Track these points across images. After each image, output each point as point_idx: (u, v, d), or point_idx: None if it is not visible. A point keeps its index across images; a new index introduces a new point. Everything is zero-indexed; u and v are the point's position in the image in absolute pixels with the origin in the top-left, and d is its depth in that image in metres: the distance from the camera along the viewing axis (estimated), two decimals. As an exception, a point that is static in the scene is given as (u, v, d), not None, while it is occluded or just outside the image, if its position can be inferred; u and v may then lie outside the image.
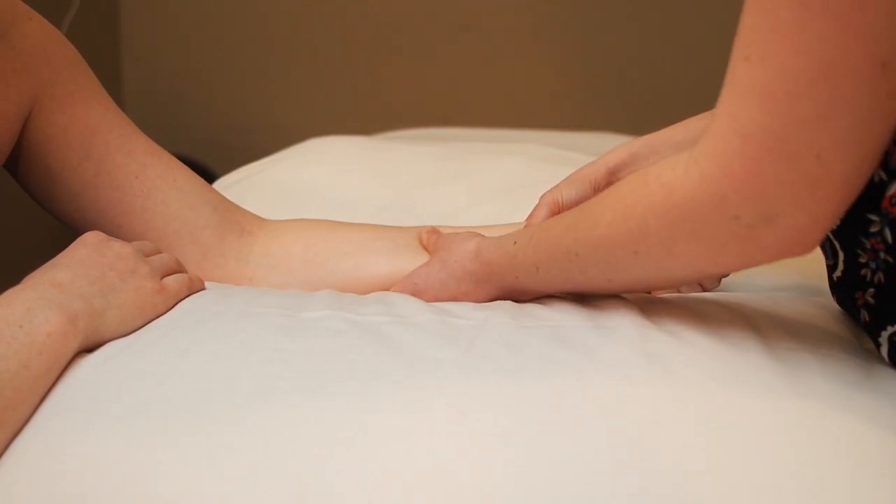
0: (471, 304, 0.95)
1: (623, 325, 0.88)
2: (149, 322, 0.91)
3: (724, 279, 1.09)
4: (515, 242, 0.96)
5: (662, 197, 0.78)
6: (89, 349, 0.87)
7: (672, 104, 2.61)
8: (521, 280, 0.96)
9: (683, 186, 0.76)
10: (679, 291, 1.07)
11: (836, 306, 0.95)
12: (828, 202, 0.72)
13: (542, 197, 1.07)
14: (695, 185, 0.75)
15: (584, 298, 0.96)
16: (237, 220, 1.12)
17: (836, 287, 0.90)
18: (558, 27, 2.73)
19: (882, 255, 0.81)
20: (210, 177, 1.43)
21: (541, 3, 2.72)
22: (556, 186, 1.07)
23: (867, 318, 0.85)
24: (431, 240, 1.10)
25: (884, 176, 0.78)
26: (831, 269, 0.89)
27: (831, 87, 0.68)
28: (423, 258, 1.08)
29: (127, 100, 2.87)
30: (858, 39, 0.67)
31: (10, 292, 0.85)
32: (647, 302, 0.94)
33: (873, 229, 0.80)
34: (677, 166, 0.77)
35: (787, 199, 0.72)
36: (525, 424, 0.75)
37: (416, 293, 1.03)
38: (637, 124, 2.17)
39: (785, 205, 0.72)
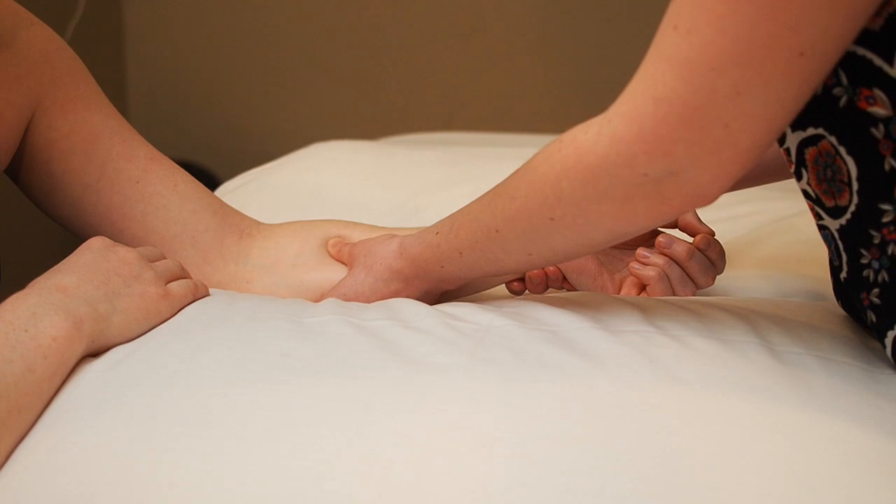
0: (474, 307, 0.95)
1: (626, 329, 0.88)
2: (154, 327, 0.91)
3: (727, 284, 1.09)
4: (437, 232, 0.98)
5: (575, 159, 0.81)
6: (94, 354, 0.87)
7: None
8: (447, 269, 0.98)
9: (596, 146, 0.79)
10: (673, 289, 1.08)
11: (841, 310, 0.95)
12: (730, 165, 0.75)
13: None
14: (607, 145, 0.78)
15: (587, 302, 0.96)
16: (236, 223, 1.12)
17: (843, 288, 0.90)
18: (562, 32, 2.73)
19: (890, 248, 0.81)
20: (214, 181, 1.44)
21: (544, 8, 2.72)
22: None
23: (874, 319, 0.85)
24: (344, 251, 1.10)
25: (894, 163, 0.78)
26: (837, 270, 0.89)
27: (750, 68, 0.71)
28: None
29: (131, 105, 2.88)
30: (782, 27, 0.70)
31: (16, 297, 0.85)
32: (651, 306, 0.94)
33: (886, 219, 0.80)
34: (590, 128, 0.80)
35: (692, 159, 0.75)
36: (528, 429, 0.75)
37: (347, 298, 1.04)
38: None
39: (690, 163, 0.76)
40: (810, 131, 0.83)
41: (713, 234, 1.09)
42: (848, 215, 0.83)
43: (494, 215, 0.90)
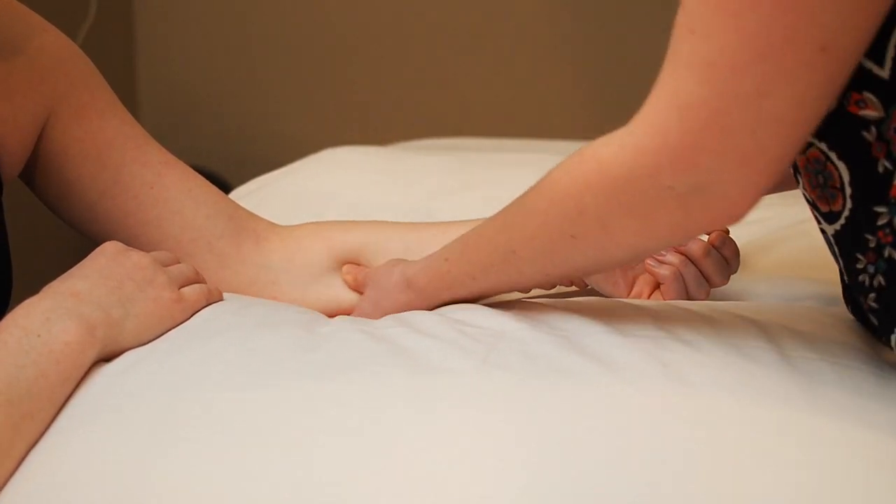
0: (486, 312, 0.95)
1: (638, 334, 0.88)
2: (167, 332, 0.92)
3: (736, 287, 1.09)
4: (447, 259, 0.96)
5: (598, 173, 0.79)
6: (107, 358, 0.87)
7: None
8: (457, 294, 0.96)
9: (619, 158, 0.77)
10: (688, 289, 1.07)
11: (851, 315, 0.95)
12: (757, 177, 0.73)
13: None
14: (630, 157, 0.76)
15: (599, 306, 0.96)
16: (252, 227, 1.12)
17: (848, 292, 0.90)
18: (574, 37, 2.73)
19: (886, 251, 0.80)
20: (223, 187, 1.44)
21: (552, 14, 2.72)
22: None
23: (875, 323, 0.85)
24: (358, 277, 1.10)
25: (888, 165, 0.78)
26: (840, 273, 0.89)
27: (772, 66, 0.70)
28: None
29: (141, 110, 2.88)
30: (801, 22, 0.68)
31: (29, 302, 0.85)
32: (662, 310, 0.94)
33: (881, 221, 0.80)
34: (612, 140, 0.78)
35: (719, 170, 0.73)
36: (540, 434, 0.75)
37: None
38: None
39: (717, 175, 0.73)
40: None
41: (727, 231, 1.09)
42: (842, 220, 0.83)
43: (511, 236, 0.88)
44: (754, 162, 0.73)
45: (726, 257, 1.08)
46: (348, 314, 1.06)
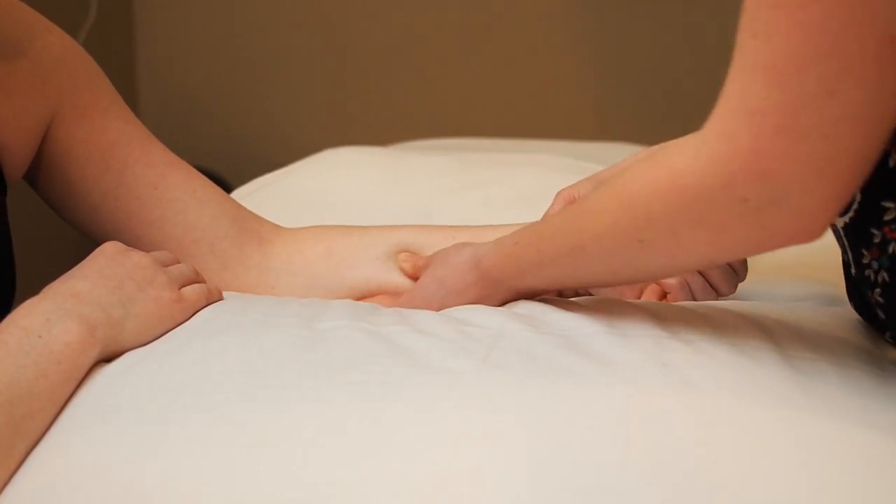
0: (486, 311, 0.95)
1: (638, 334, 0.88)
2: (167, 332, 0.92)
3: (740, 288, 1.09)
4: (517, 243, 0.95)
5: (669, 180, 0.77)
6: (108, 359, 0.87)
7: (688, 114, 2.61)
8: (525, 280, 0.95)
9: (691, 168, 0.75)
10: (695, 298, 1.07)
11: (854, 314, 0.95)
12: (835, 183, 0.71)
13: (558, 193, 1.06)
14: (703, 166, 0.74)
15: (599, 306, 0.96)
16: (255, 229, 1.12)
17: (855, 285, 0.89)
18: (572, 38, 2.73)
19: (891, 247, 0.80)
20: (224, 187, 1.44)
21: (554, 14, 2.72)
22: (574, 184, 1.06)
23: (882, 317, 0.85)
24: (417, 263, 1.09)
25: None
26: (848, 266, 0.89)
27: (838, 62, 0.68)
28: None
29: (142, 111, 2.88)
30: (865, 14, 0.67)
31: (30, 303, 0.85)
32: (663, 310, 0.94)
33: (888, 217, 0.80)
34: (685, 148, 0.76)
35: (794, 179, 0.71)
36: (541, 434, 0.75)
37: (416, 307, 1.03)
38: (652, 134, 2.16)
39: (792, 185, 0.71)
40: None
41: None
42: (851, 213, 0.83)
43: (581, 231, 0.86)
44: (830, 167, 0.70)
45: (734, 266, 1.07)
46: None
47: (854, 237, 0.84)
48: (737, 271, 1.07)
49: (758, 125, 0.71)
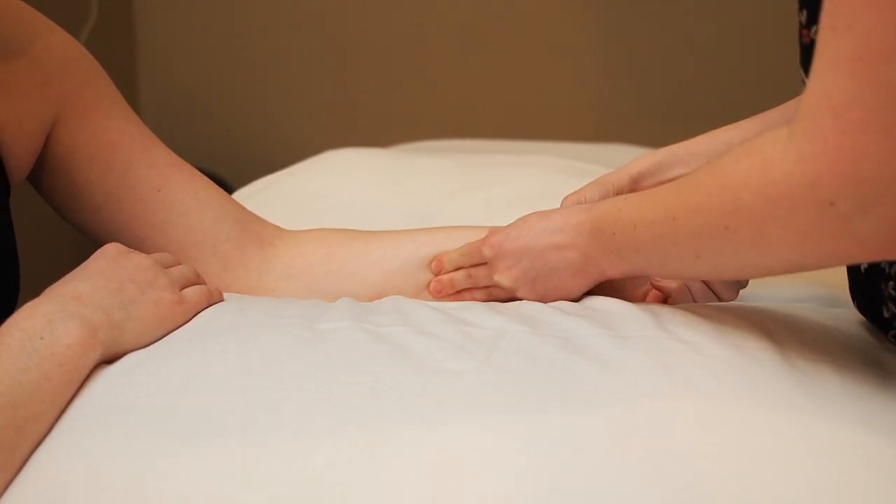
0: (488, 312, 0.95)
1: (640, 336, 0.88)
2: (168, 333, 0.92)
3: (741, 291, 1.09)
4: (626, 198, 0.93)
5: (760, 171, 0.74)
6: (109, 360, 0.87)
7: (690, 116, 2.62)
8: (617, 238, 0.92)
9: (781, 162, 0.72)
10: (694, 299, 1.07)
11: (856, 316, 0.95)
12: None
13: (564, 199, 1.06)
14: (791, 163, 0.71)
15: (600, 307, 0.96)
16: (257, 231, 1.12)
17: (862, 282, 0.89)
18: (575, 39, 2.73)
19: None
20: (225, 188, 1.44)
21: (555, 16, 2.72)
22: (580, 189, 1.06)
23: (894, 310, 0.84)
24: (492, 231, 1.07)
25: None
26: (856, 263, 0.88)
27: None
28: None
29: (143, 113, 2.88)
30: None
31: (31, 304, 0.85)
32: (665, 312, 0.94)
33: None
34: (778, 141, 0.74)
35: (884, 182, 0.67)
36: (542, 436, 0.75)
37: (508, 240, 1.02)
38: (654, 136, 2.16)
39: (882, 189, 0.68)
40: None
41: None
42: None
43: (677, 202, 0.84)
44: None
45: None
46: None
47: None
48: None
49: (843, 121, 0.68)
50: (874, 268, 0.84)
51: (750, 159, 0.76)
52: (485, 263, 1.06)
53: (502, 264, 1.03)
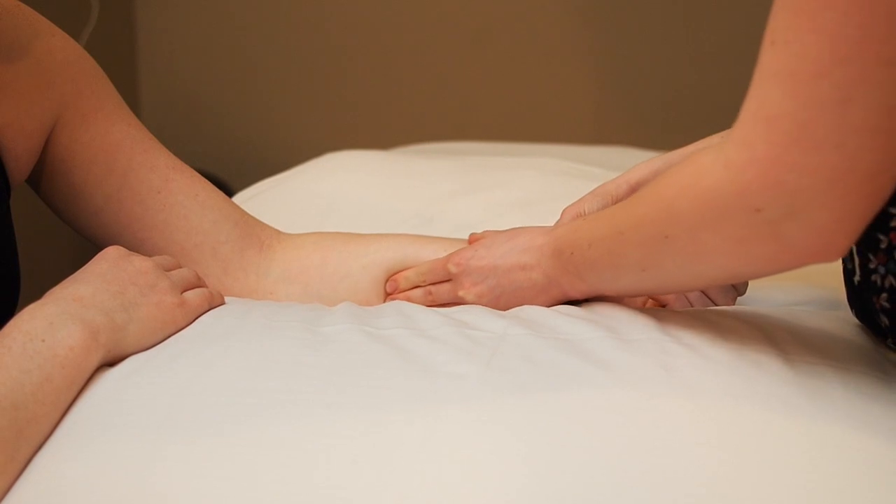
0: (489, 315, 0.95)
1: (641, 339, 0.88)
2: (169, 336, 0.92)
3: (739, 297, 1.09)
4: (586, 218, 0.96)
5: (693, 179, 0.77)
6: (111, 363, 0.87)
7: (688, 118, 2.62)
8: (575, 257, 0.95)
9: (711, 171, 0.75)
10: (692, 307, 1.07)
11: (855, 319, 0.95)
12: (851, 197, 0.70)
13: (564, 211, 1.07)
14: (721, 170, 0.74)
15: (601, 311, 0.96)
16: (257, 234, 1.12)
17: (857, 293, 0.89)
18: (574, 41, 2.73)
19: None
20: (225, 191, 1.44)
21: (555, 19, 2.72)
22: (579, 200, 1.06)
23: (887, 323, 0.85)
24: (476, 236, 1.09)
25: None
26: (851, 273, 0.89)
27: (854, 69, 0.67)
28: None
29: (143, 115, 2.88)
30: (883, 20, 0.66)
31: (33, 307, 0.85)
32: (666, 315, 0.94)
33: (895, 223, 0.80)
34: (710, 151, 0.76)
35: (808, 192, 0.70)
36: (544, 439, 0.75)
37: (475, 258, 1.04)
38: (653, 138, 2.17)
39: (806, 198, 0.70)
40: None
41: None
42: None
43: (623, 216, 0.87)
44: (844, 179, 0.69)
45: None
46: None
47: (860, 242, 0.84)
48: (735, 285, 1.07)
49: (772, 132, 0.70)
50: (866, 281, 0.85)
51: (686, 169, 0.78)
52: (448, 280, 1.07)
53: (468, 281, 1.04)
